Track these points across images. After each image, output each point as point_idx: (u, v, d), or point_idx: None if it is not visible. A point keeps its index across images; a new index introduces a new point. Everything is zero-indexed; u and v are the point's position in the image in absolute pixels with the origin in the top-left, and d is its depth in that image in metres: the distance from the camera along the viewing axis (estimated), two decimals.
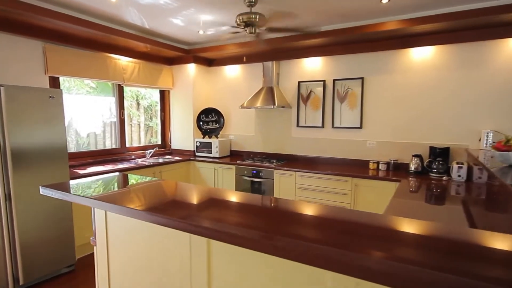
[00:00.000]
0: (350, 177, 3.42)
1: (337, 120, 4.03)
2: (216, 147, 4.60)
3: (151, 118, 4.97)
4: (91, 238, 1.56)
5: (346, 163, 4.01)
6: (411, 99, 3.58)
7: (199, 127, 4.86)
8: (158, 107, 4.99)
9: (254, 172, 4.07)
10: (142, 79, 4.35)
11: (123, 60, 4.09)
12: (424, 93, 3.51)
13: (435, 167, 3.34)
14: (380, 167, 3.70)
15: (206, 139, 4.70)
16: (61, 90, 2.77)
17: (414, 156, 3.49)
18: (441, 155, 3.35)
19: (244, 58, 3.85)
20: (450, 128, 3.41)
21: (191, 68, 4.68)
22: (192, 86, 4.71)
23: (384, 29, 3.24)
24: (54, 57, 3.36)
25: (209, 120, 4.84)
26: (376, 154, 3.82)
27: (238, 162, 4.20)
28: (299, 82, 4.23)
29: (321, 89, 4.09)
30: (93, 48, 3.71)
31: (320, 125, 4.15)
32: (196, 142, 4.75)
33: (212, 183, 4.41)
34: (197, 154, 4.77)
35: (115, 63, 3.99)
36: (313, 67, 4.14)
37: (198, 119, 4.85)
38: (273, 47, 4.02)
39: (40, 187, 1.42)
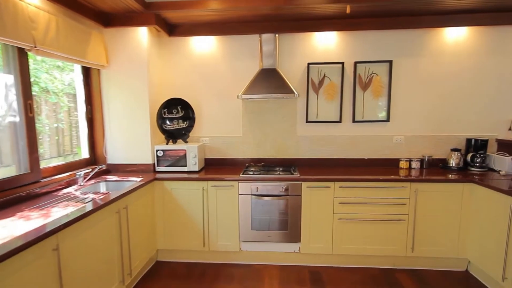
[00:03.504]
0: (408, 181, 2.74)
1: (358, 112, 3.28)
2: (195, 156, 3.09)
3: None
4: None
5: (372, 164, 3.32)
6: (441, 87, 3.19)
7: (161, 127, 3.20)
8: (78, 97, 3.00)
9: (270, 188, 2.87)
10: (63, 44, 2.40)
11: (30, 3, 2.10)
12: (455, 80, 3.16)
13: (477, 161, 3.05)
14: (412, 166, 3.18)
15: (172, 146, 3.11)
16: None
17: (453, 150, 3.12)
18: (482, 147, 3.08)
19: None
20: (480, 118, 3.19)
21: (143, 35, 2.97)
22: (146, 64, 3.01)
23: None
24: None
25: (174, 116, 3.24)
26: (405, 150, 3.29)
27: (241, 176, 2.89)
28: (308, 64, 3.24)
29: (339, 73, 3.24)
30: None
31: (337, 120, 3.30)
32: (157, 150, 3.09)
33: (200, 211, 2.92)
34: (158, 169, 3.11)
35: (15, 4, 1.98)
36: (327, 45, 3.24)
37: (159, 115, 3.18)
38: (276, 11, 2.88)
39: None
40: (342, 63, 3.20)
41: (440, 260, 2.82)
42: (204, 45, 3.33)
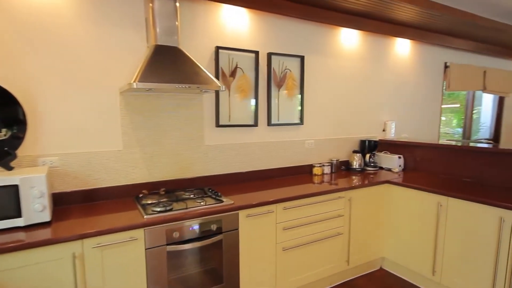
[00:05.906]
0: (344, 190, 2.47)
1: (274, 113, 2.76)
2: (41, 196, 1.61)
3: None
4: None
5: (288, 173, 2.89)
6: (339, 89, 3.17)
7: None
8: None
9: (195, 227, 1.86)
10: None
11: None
12: (349, 83, 3.22)
13: (372, 161, 3.22)
14: (325, 171, 3.00)
15: None
16: None
17: (355, 152, 3.16)
18: (374, 148, 3.27)
19: None
20: (367, 120, 3.41)
21: None
22: None
23: None
24: None
25: None
26: (316, 155, 3.07)
27: (149, 217, 1.72)
28: (217, 48, 2.41)
29: (253, 65, 2.59)
30: None
31: (253, 123, 2.65)
32: None
33: None
34: None
35: None
36: (238, 26, 2.52)
37: None
38: None
39: None
40: (257, 52, 2.58)
41: (367, 264, 2.74)
42: None
